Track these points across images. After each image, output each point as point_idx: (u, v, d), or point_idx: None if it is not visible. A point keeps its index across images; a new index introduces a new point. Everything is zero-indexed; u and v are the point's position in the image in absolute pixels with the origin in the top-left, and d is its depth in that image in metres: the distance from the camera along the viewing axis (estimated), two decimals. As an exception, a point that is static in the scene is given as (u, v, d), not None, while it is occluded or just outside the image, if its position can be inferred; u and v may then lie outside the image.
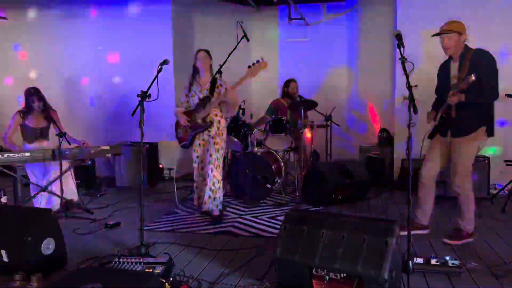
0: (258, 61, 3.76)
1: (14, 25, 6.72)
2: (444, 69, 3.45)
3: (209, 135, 4.04)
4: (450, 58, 3.39)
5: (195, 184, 4.25)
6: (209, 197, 4.02)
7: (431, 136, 3.51)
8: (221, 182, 4.09)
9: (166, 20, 6.13)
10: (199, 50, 4.08)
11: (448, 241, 3.37)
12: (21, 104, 4.71)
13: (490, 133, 3.31)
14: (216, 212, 4.05)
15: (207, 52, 4.07)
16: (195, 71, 4.08)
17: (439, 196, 4.66)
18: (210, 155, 4.01)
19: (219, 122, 4.06)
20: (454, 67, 3.33)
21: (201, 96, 4.00)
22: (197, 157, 4.15)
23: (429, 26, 3.23)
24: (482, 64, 3.16)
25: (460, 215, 3.41)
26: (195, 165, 4.18)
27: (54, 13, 6.52)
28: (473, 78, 2.96)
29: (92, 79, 6.52)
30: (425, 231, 3.56)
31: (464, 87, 3.06)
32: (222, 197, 4.13)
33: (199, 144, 4.12)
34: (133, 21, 6.26)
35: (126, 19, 6.30)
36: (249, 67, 3.78)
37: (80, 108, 6.56)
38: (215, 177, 4.01)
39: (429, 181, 3.50)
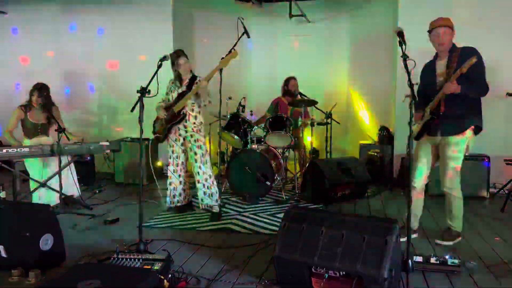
0: (230, 51, 3.80)
1: (14, 20, 6.69)
2: (428, 68, 3.35)
3: (186, 131, 4.03)
4: (435, 58, 3.29)
5: (168, 181, 4.20)
6: (204, 193, 4.03)
7: (417, 137, 3.37)
8: (213, 175, 4.09)
9: (167, 15, 6.10)
10: (178, 55, 3.99)
11: (440, 242, 3.34)
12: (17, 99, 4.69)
13: (478, 131, 3.24)
14: (216, 208, 4.05)
15: (185, 56, 4.01)
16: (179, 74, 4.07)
17: (439, 195, 4.68)
18: (195, 154, 4.01)
19: (195, 117, 4.04)
20: (440, 65, 3.22)
21: (180, 91, 4.01)
22: (173, 152, 4.14)
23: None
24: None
25: (450, 215, 3.37)
26: (170, 161, 4.16)
27: (54, 8, 6.49)
28: (475, 60, 2.86)
29: (92, 74, 6.50)
30: (414, 235, 3.45)
31: (464, 70, 2.93)
32: (218, 191, 4.13)
33: (176, 139, 4.10)
34: (134, 17, 6.24)
35: (126, 15, 6.27)
36: (222, 58, 3.88)
37: (80, 103, 6.56)
38: (205, 173, 4.02)
39: (420, 184, 3.39)
